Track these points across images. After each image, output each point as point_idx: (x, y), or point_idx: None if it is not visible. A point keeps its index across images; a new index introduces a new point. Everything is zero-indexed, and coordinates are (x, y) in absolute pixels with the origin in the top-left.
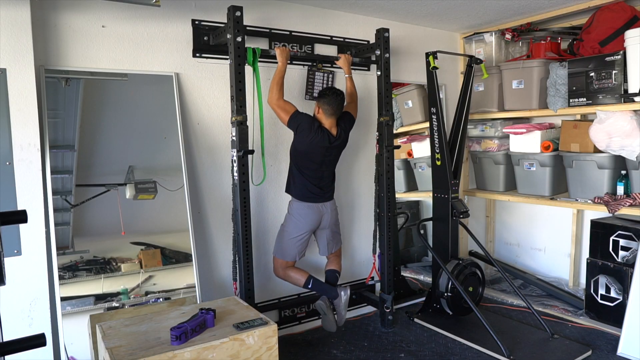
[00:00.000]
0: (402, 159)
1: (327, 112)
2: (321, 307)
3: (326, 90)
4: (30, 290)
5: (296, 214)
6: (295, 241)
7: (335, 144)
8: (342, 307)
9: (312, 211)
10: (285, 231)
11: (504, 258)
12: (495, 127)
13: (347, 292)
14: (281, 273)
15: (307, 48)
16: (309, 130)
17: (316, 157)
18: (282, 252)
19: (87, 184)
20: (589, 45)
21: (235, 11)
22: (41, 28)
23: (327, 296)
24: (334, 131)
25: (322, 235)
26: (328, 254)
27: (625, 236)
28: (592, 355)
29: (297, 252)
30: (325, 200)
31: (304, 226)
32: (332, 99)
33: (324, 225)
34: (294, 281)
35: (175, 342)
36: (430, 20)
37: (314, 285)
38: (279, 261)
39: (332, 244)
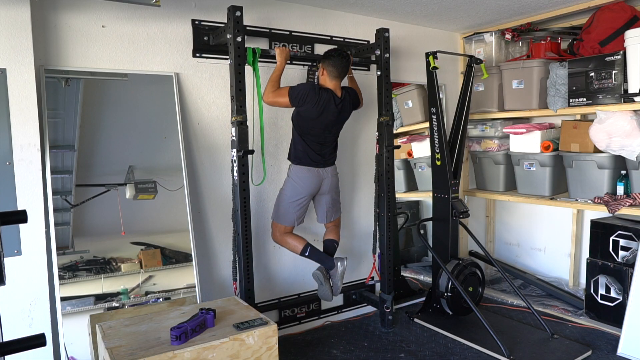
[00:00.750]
0: (402, 159)
1: (332, 74)
2: (318, 277)
3: (332, 51)
4: (30, 290)
5: (295, 177)
6: (293, 205)
7: (340, 106)
8: (338, 277)
9: (311, 175)
10: (284, 195)
11: (504, 258)
12: (495, 127)
13: (344, 264)
14: (279, 238)
15: (307, 48)
16: (313, 95)
17: (320, 122)
18: (280, 217)
19: (87, 184)
20: (589, 45)
21: (235, 11)
22: (41, 28)
23: (323, 266)
24: (339, 93)
25: (321, 201)
26: (327, 222)
27: (625, 236)
28: (592, 355)
29: (296, 217)
30: (326, 166)
31: (303, 190)
32: (337, 61)
33: (324, 190)
34: (291, 247)
35: (175, 342)
36: (430, 20)
37: (310, 253)
38: (277, 226)
39: (331, 211)
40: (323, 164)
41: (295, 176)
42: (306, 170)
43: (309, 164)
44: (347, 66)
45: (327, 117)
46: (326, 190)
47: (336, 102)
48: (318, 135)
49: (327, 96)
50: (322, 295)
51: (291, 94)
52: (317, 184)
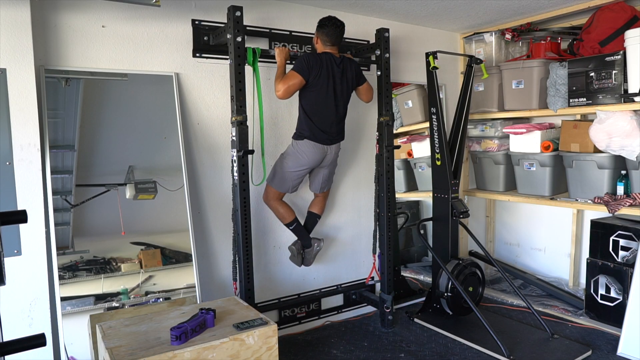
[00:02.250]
0: (402, 159)
1: (326, 42)
2: (292, 250)
3: (325, 20)
4: (30, 290)
5: (300, 150)
6: (292, 175)
7: (341, 65)
8: (312, 255)
9: (316, 149)
10: (285, 163)
11: (504, 258)
12: (495, 127)
13: (321, 245)
14: (271, 203)
15: (307, 48)
16: (314, 58)
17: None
18: (276, 182)
19: (87, 184)
20: (589, 45)
21: (235, 11)
22: (41, 28)
23: (301, 242)
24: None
25: (319, 173)
26: (318, 193)
27: (625, 236)
28: (592, 355)
29: (292, 186)
30: (332, 143)
31: (306, 163)
32: (331, 30)
33: (325, 164)
34: (280, 216)
35: (175, 342)
36: (430, 20)
37: (295, 228)
38: (271, 190)
39: (325, 183)
40: (329, 142)
41: (300, 149)
42: (312, 145)
43: (316, 140)
44: (340, 35)
45: (333, 80)
46: (327, 164)
47: (336, 62)
48: (327, 107)
49: (327, 56)
50: (293, 261)
51: (298, 70)
52: (320, 158)
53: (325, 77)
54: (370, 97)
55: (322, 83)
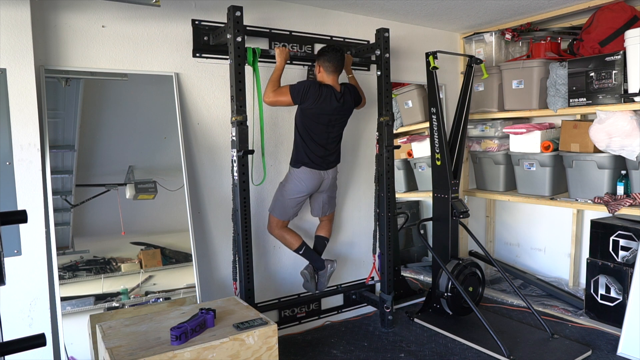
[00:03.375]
0: (402, 159)
1: (328, 69)
2: (305, 275)
3: (325, 47)
4: (30, 290)
5: (296, 177)
6: (292, 201)
7: (342, 100)
8: (326, 278)
9: (313, 176)
10: (285, 191)
11: (504, 258)
12: (495, 127)
13: (334, 266)
14: (276, 232)
15: (307, 48)
16: (313, 91)
17: (323, 119)
18: (277, 211)
19: (87, 184)
20: (589, 45)
21: (235, 11)
22: (41, 28)
23: (313, 266)
24: (338, 88)
25: (318, 198)
26: (321, 217)
27: (625, 236)
28: (592, 355)
29: (293, 213)
30: (328, 169)
31: (304, 189)
32: (332, 56)
33: (323, 188)
34: (287, 243)
35: (175, 342)
36: (430, 20)
37: (305, 252)
38: (274, 219)
39: (327, 206)
40: (326, 167)
41: (297, 175)
42: (309, 172)
43: (312, 166)
44: (342, 60)
45: (329, 113)
46: (325, 188)
47: (337, 97)
48: (321, 135)
49: (328, 91)
50: (306, 287)
51: (292, 91)
52: (317, 184)
53: (322, 109)
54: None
55: (318, 114)
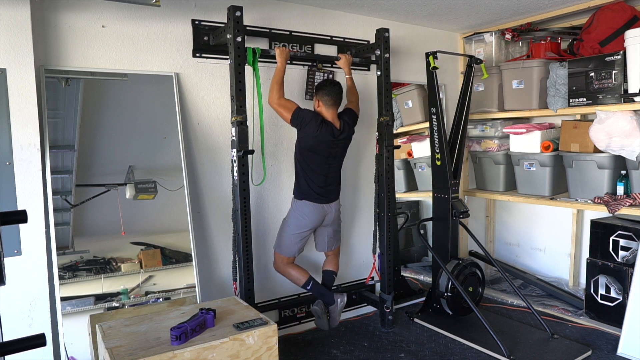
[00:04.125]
0: (402, 159)
1: (327, 103)
2: (316, 312)
3: (323, 82)
4: (30, 290)
5: (299, 211)
6: (296, 237)
7: (341, 137)
8: (337, 312)
9: (316, 210)
10: (288, 227)
11: (504, 258)
12: (495, 127)
13: (344, 299)
14: (282, 269)
15: (307, 48)
16: (314, 124)
17: (322, 152)
18: (282, 248)
19: (87, 184)
20: (589, 45)
21: (235, 11)
22: (41, 28)
23: (323, 301)
24: (337, 124)
25: (323, 233)
26: (327, 251)
27: (625, 236)
28: (592, 355)
29: (298, 249)
30: (330, 201)
31: (307, 224)
32: (330, 89)
33: (327, 223)
34: (294, 279)
35: (175, 342)
36: (430, 20)
37: (313, 287)
38: (279, 256)
39: (332, 241)
40: (327, 200)
41: (299, 210)
42: (311, 206)
43: (315, 199)
44: (340, 94)
45: (327, 149)
46: (329, 223)
47: (335, 135)
48: (321, 168)
49: (327, 129)
50: (318, 324)
51: (294, 114)
52: (320, 218)
53: (315, 143)
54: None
55: (315, 147)
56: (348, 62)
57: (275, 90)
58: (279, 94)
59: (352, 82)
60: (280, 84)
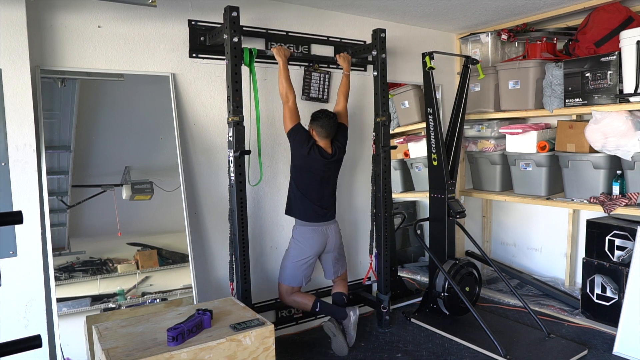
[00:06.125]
0: (399, 159)
1: (321, 134)
2: (330, 329)
3: (318, 113)
4: (26, 291)
5: (300, 238)
6: (300, 265)
7: (332, 159)
8: (352, 327)
9: (316, 234)
10: (290, 256)
11: (500, 258)
12: (492, 128)
13: (357, 312)
14: (287, 299)
15: (303, 48)
16: (306, 144)
17: (315, 172)
18: (287, 278)
19: (83, 185)
20: (584, 45)
21: (231, 11)
22: (37, 28)
23: (335, 317)
24: (329, 150)
25: (327, 259)
26: (334, 278)
27: (620, 236)
28: (588, 354)
29: (303, 277)
30: (327, 220)
31: (309, 250)
32: (325, 122)
33: (329, 248)
34: (301, 306)
35: (172, 343)
36: (426, 20)
37: (321, 307)
38: (284, 287)
39: (337, 266)
40: (325, 218)
41: (300, 237)
42: (311, 230)
43: (312, 219)
44: (334, 125)
45: (318, 169)
46: (331, 248)
47: (326, 157)
48: (315, 187)
49: (317, 152)
50: (336, 348)
51: (294, 129)
52: (322, 243)
53: (310, 166)
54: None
55: (309, 166)
56: (348, 60)
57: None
58: (293, 93)
59: (347, 81)
60: (289, 80)
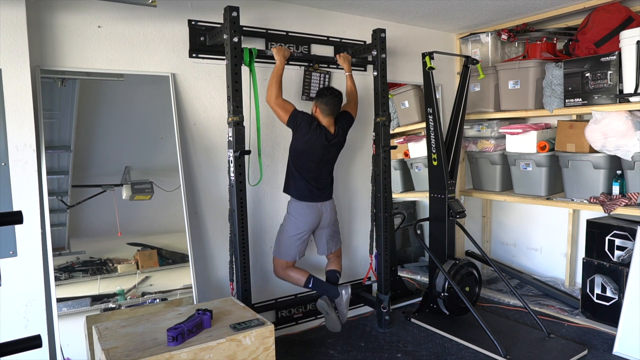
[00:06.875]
0: (399, 159)
1: (325, 111)
2: (322, 307)
3: (324, 90)
4: (26, 291)
5: (295, 214)
6: (294, 240)
7: (334, 142)
8: (344, 305)
9: (311, 210)
10: (285, 231)
11: (500, 258)
12: (492, 128)
13: (348, 291)
14: (281, 273)
15: (303, 48)
16: (308, 128)
17: (315, 156)
18: (281, 252)
19: (83, 185)
20: (584, 45)
21: (231, 11)
22: (37, 28)
23: (328, 295)
24: (332, 129)
25: (321, 234)
26: (328, 254)
27: (620, 236)
28: (588, 354)
29: (297, 252)
30: (324, 200)
31: (303, 225)
32: (329, 99)
33: (323, 224)
34: (294, 281)
35: (172, 343)
36: (426, 20)
37: (314, 284)
38: (278, 261)
39: (331, 243)
40: (321, 198)
41: (295, 212)
42: (306, 206)
43: (308, 198)
44: (339, 103)
45: (319, 153)
46: (325, 224)
47: (329, 139)
48: (313, 169)
49: (320, 134)
50: (330, 325)
51: (292, 115)
52: (316, 218)
53: (311, 147)
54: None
55: (307, 151)
56: (348, 60)
57: (273, 88)
58: (277, 92)
59: (352, 81)
60: (279, 83)
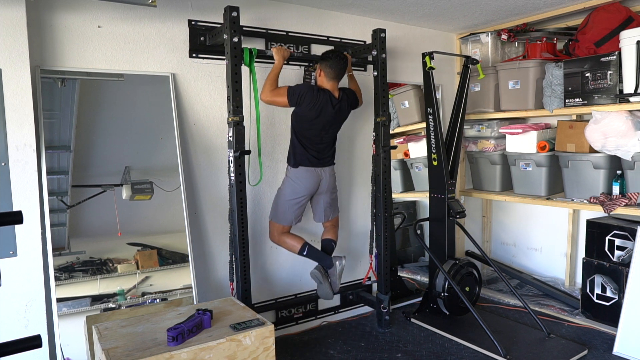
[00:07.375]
0: (399, 159)
1: (329, 75)
2: (316, 276)
3: (329, 52)
4: (26, 291)
5: (294, 177)
6: (292, 204)
7: (337, 106)
8: (337, 276)
9: (310, 174)
10: (282, 194)
11: (500, 258)
12: (492, 128)
13: (342, 262)
14: (277, 238)
15: (303, 48)
16: (310, 95)
17: (318, 123)
18: (278, 216)
19: (83, 185)
20: (584, 45)
21: (231, 11)
22: (37, 28)
23: (322, 265)
24: (336, 94)
25: (319, 200)
26: (325, 221)
27: (620, 236)
28: (588, 354)
29: (294, 217)
30: (323, 165)
31: (302, 190)
32: (334, 62)
33: (322, 189)
34: (289, 247)
35: (172, 343)
36: (426, 20)
37: (309, 252)
38: (275, 225)
39: (329, 210)
40: (321, 163)
41: (294, 176)
42: (305, 171)
43: (307, 164)
44: (344, 67)
45: (324, 118)
46: (324, 189)
47: (333, 103)
48: (315, 136)
49: (325, 97)
50: (322, 294)
51: (289, 93)
52: (315, 183)
53: (318, 113)
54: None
55: (312, 119)
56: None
57: (267, 86)
58: (271, 88)
59: (354, 81)
60: (274, 81)
